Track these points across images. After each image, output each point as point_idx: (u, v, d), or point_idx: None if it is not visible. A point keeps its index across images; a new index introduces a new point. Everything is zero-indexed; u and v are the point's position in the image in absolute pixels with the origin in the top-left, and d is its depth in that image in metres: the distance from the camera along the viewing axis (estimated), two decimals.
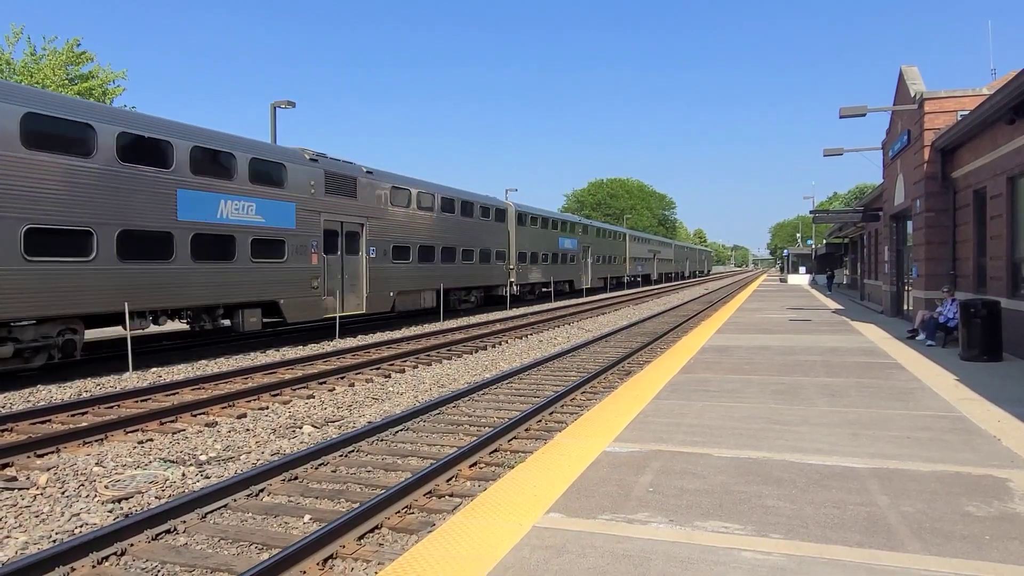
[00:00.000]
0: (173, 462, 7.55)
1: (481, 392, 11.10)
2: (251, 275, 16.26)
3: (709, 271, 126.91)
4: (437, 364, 14.71)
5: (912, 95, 16.61)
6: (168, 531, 5.45)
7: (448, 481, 6.54)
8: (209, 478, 7.02)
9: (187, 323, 16.09)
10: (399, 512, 5.70)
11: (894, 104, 18.67)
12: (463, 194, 27.99)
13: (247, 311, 16.39)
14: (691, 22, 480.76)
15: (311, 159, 18.76)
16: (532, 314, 27.51)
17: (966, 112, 13.70)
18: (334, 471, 7.01)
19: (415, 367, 14.17)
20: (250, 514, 5.91)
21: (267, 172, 16.98)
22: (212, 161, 15.43)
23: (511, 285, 32.66)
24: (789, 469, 5.48)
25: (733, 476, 5.32)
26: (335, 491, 6.34)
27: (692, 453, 5.98)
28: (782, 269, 74.65)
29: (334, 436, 8.37)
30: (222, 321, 16.16)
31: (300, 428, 9.06)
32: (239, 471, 7.14)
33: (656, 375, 10.14)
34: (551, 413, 9.56)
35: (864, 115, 16.41)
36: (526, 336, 20.20)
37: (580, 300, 38.33)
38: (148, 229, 13.73)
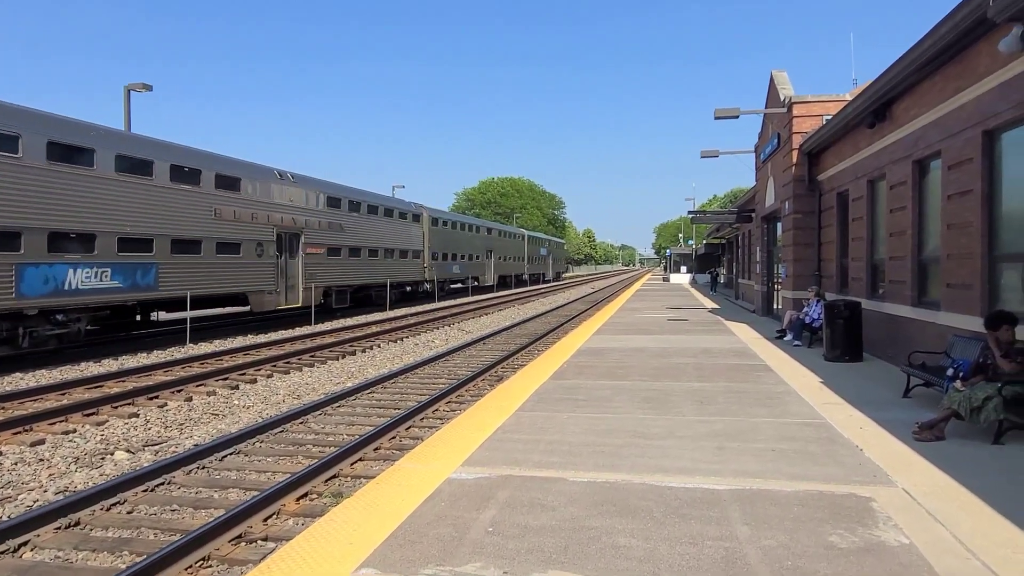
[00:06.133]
0: None
1: (337, 404, 10.09)
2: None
3: (559, 275, 79.95)
4: (297, 372, 13.48)
5: (782, 99, 16.97)
6: None
7: (266, 520, 5.56)
8: None
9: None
10: (190, 568, 4.68)
11: (765, 108, 19.10)
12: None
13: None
14: (577, 20, 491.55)
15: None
16: (412, 315, 26.51)
17: (831, 116, 14.00)
18: (130, 512, 5.85)
19: (270, 376, 12.89)
20: None
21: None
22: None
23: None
24: (648, 495, 4.91)
25: (586, 507, 4.69)
26: (120, 541, 5.21)
27: (546, 478, 5.32)
28: (665, 268, 76.35)
29: (146, 464, 7.15)
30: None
31: (111, 455, 7.74)
32: (6, 517, 5.83)
33: (526, 382, 9.54)
34: (408, 428, 8.72)
35: (737, 117, 16.59)
36: (402, 339, 19.20)
37: (466, 300, 37.63)
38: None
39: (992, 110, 7.82)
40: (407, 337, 19.66)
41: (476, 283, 46.40)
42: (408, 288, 34.41)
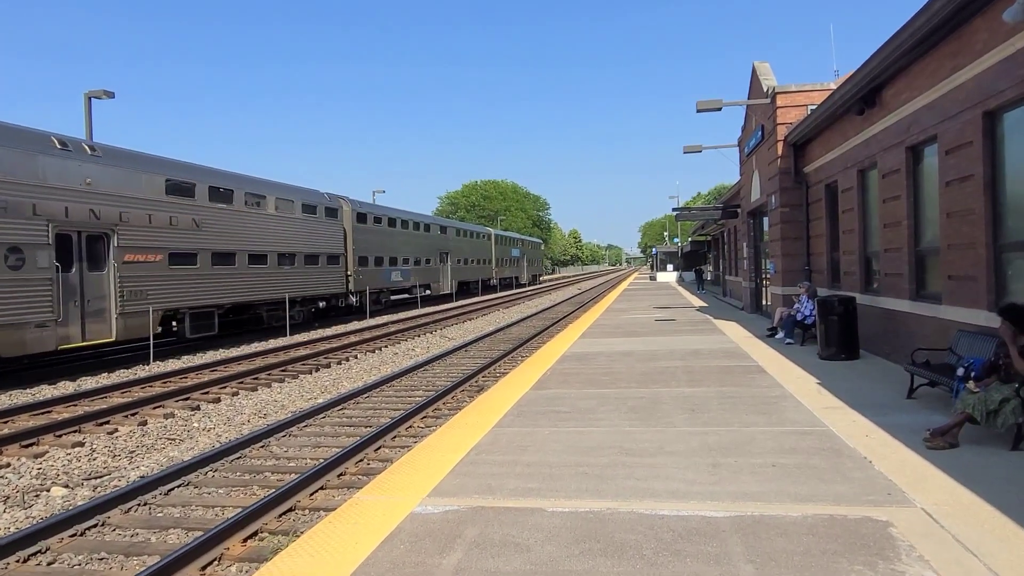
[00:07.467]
0: None
1: (304, 424, 9.40)
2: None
3: (536, 278, 71.73)
4: (265, 389, 12.74)
5: (765, 90, 16.47)
6: None
7: (204, 569, 4.88)
8: None
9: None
10: None
11: (748, 99, 18.60)
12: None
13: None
14: (560, 19, 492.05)
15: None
16: (393, 323, 25.78)
17: (816, 106, 13.50)
18: (51, 563, 5.15)
19: (235, 394, 12.14)
20: None
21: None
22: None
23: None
24: (637, 526, 4.30)
25: (566, 545, 4.07)
26: None
27: (521, 509, 4.70)
28: (652, 267, 75.62)
29: (82, 503, 6.45)
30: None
31: (47, 491, 7.02)
32: None
33: (506, 392, 8.92)
34: (378, 449, 8.05)
35: (720, 109, 16.09)
36: (380, 349, 18.48)
37: (449, 305, 36.91)
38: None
39: (993, 89, 7.29)
40: (386, 347, 18.95)
41: (428, 292, 38.33)
42: (322, 304, 26.25)
